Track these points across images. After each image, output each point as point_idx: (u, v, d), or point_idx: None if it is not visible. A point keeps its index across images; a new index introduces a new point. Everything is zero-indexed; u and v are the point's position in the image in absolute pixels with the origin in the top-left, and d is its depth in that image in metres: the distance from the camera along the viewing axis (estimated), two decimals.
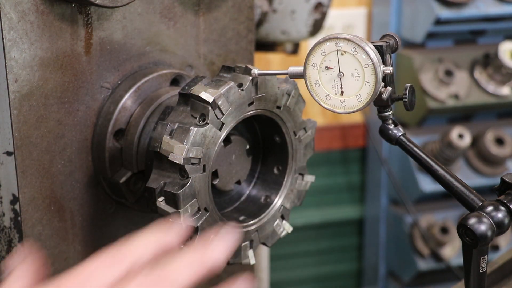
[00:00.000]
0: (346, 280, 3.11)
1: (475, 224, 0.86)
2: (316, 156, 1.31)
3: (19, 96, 0.97)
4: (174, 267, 0.69)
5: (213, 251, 0.71)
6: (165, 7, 1.12)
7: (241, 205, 1.12)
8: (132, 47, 1.09)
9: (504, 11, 2.57)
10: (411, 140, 0.96)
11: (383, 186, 2.86)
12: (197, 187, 0.95)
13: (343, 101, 0.92)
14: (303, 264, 3.01)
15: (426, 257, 2.75)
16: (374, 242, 2.98)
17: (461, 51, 2.69)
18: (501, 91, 2.65)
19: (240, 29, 1.23)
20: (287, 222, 1.12)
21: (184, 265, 0.69)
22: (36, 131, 1.00)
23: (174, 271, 0.68)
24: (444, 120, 2.76)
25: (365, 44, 0.89)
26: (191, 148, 0.93)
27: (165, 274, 0.68)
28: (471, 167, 2.74)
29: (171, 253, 0.70)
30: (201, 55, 1.19)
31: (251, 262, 1.06)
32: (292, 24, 1.66)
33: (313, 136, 1.12)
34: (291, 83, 1.05)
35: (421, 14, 2.52)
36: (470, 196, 0.91)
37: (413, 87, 0.94)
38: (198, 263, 0.70)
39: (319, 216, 2.95)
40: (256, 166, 1.13)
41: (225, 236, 0.72)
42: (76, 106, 1.04)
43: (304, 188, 1.13)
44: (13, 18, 0.93)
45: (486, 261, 0.90)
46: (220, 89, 0.95)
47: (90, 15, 1.02)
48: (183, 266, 0.69)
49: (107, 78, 1.07)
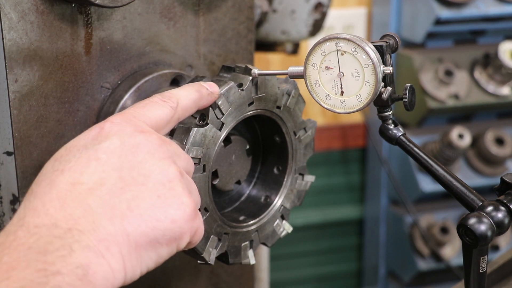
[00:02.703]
0: (346, 280, 3.11)
1: (475, 224, 0.86)
2: (316, 156, 1.31)
3: (19, 96, 0.97)
4: (179, 89, 0.89)
5: (209, 83, 0.93)
6: (165, 7, 1.12)
7: (241, 205, 1.12)
8: (132, 47, 1.09)
9: (504, 11, 2.57)
10: (411, 140, 0.96)
11: (383, 186, 2.86)
12: (197, 187, 0.95)
13: (343, 101, 0.92)
14: (303, 264, 3.01)
15: (426, 257, 2.75)
16: (374, 242, 2.98)
17: (461, 51, 2.69)
18: (501, 91, 2.65)
19: (240, 29, 1.23)
20: (287, 222, 1.12)
21: (187, 87, 0.90)
22: (36, 131, 1.00)
23: (179, 91, 0.88)
24: (444, 120, 2.76)
25: (365, 44, 0.89)
26: (191, 148, 0.93)
27: (172, 91, 0.87)
28: (471, 167, 2.74)
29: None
30: (201, 55, 1.19)
31: (251, 262, 1.06)
32: (292, 24, 1.66)
33: (313, 136, 1.12)
34: (291, 83, 1.05)
35: (421, 14, 2.53)
36: (470, 196, 0.91)
37: (413, 87, 0.94)
38: (197, 86, 0.90)
39: (319, 216, 2.95)
40: (256, 166, 1.13)
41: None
42: (76, 106, 1.04)
43: (304, 188, 1.13)
44: (13, 18, 0.93)
45: (486, 261, 0.90)
46: (220, 89, 0.95)
47: (90, 15, 1.02)
48: (187, 87, 0.90)
49: (107, 78, 1.07)
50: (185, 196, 0.76)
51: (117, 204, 0.72)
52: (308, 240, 2.97)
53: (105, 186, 0.73)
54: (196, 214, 0.78)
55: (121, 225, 0.71)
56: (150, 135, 0.78)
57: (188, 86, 0.91)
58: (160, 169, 0.76)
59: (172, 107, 0.85)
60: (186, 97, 0.89)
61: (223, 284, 1.31)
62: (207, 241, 0.98)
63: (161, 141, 0.79)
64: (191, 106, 0.90)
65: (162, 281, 1.20)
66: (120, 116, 0.80)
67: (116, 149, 0.75)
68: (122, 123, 0.79)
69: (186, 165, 0.84)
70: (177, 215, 0.75)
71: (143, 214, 0.72)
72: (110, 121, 0.79)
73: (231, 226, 1.02)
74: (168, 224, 0.74)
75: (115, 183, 0.73)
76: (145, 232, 0.72)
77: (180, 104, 0.87)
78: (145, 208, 0.73)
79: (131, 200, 0.73)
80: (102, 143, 0.76)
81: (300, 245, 2.95)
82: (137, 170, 0.75)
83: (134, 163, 0.75)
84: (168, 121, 0.85)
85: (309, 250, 3.00)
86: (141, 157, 0.76)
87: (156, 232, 0.73)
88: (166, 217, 0.74)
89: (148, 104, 0.84)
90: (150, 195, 0.74)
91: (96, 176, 0.73)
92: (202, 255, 0.98)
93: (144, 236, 0.72)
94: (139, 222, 0.72)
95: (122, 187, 0.73)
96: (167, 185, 0.76)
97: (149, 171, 0.75)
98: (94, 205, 0.71)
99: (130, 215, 0.72)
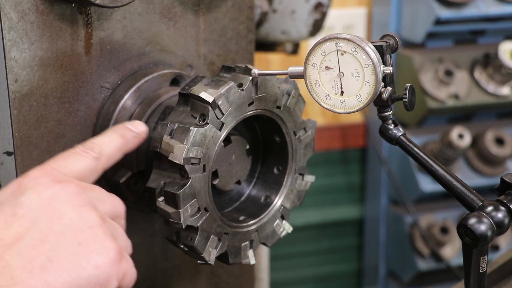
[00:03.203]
0: (346, 280, 3.11)
1: (475, 224, 0.86)
2: (316, 156, 1.31)
3: (19, 96, 0.97)
4: (102, 136, 0.90)
5: (134, 123, 0.93)
6: (165, 7, 1.12)
7: (241, 205, 1.12)
8: (132, 47, 1.09)
9: (504, 11, 2.57)
10: (411, 140, 0.96)
11: (383, 186, 2.86)
12: (197, 187, 0.95)
13: (343, 101, 0.92)
14: (303, 264, 3.01)
15: (426, 257, 2.75)
16: (374, 242, 2.98)
17: (461, 51, 2.69)
18: (501, 91, 2.65)
19: (240, 29, 1.23)
20: (287, 222, 1.12)
21: (110, 133, 0.90)
22: (36, 131, 1.00)
23: (102, 138, 0.89)
24: (444, 120, 2.76)
25: (365, 44, 0.89)
26: (191, 148, 0.93)
27: (94, 141, 0.88)
28: (471, 167, 2.74)
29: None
30: (201, 55, 1.19)
31: (251, 262, 1.06)
32: (292, 24, 1.66)
33: (313, 136, 1.12)
34: (291, 83, 1.05)
35: (421, 14, 2.52)
36: (470, 196, 0.91)
37: (413, 87, 0.94)
38: (121, 130, 0.91)
39: (319, 216, 2.95)
40: (256, 166, 1.13)
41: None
42: (76, 106, 1.04)
43: (304, 188, 1.13)
44: (13, 18, 0.93)
45: (486, 261, 0.90)
46: (220, 89, 0.95)
47: (90, 15, 1.02)
48: (110, 134, 0.90)
49: (107, 78, 1.07)
50: (107, 240, 0.75)
51: (36, 256, 0.71)
52: (308, 240, 2.97)
53: (23, 240, 0.72)
54: (121, 257, 0.76)
55: (41, 277, 0.70)
56: (67, 184, 0.77)
57: (112, 132, 0.90)
58: (79, 216, 0.75)
59: (94, 158, 0.85)
60: (109, 144, 0.88)
61: (223, 284, 1.31)
62: (207, 241, 0.98)
63: (80, 189, 0.78)
64: (115, 153, 0.89)
65: (162, 281, 1.20)
66: (38, 169, 0.79)
67: (32, 202, 0.75)
68: (39, 176, 0.78)
69: (112, 208, 0.83)
70: (100, 260, 0.74)
71: (63, 263, 0.72)
72: (28, 176, 0.78)
73: (231, 226, 1.02)
74: (92, 270, 0.73)
75: (33, 236, 0.73)
76: (67, 281, 0.71)
77: (103, 153, 0.86)
78: (65, 257, 0.72)
79: (50, 251, 0.72)
80: (19, 198, 0.75)
81: (300, 245, 2.95)
82: (56, 220, 0.74)
83: (52, 214, 0.75)
84: (92, 171, 0.85)
85: (309, 250, 3.00)
86: (58, 207, 0.75)
87: (79, 280, 0.72)
88: (89, 263, 0.73)
89: (69, 156, 0.84)
90: (70, 243, 0.73)
91: (14, 231, 0.73)
92: (202, 255, 0.98)
93: (67, 285, 0.71)
94: (60, 272, 0.71)
95: (41, 238, 0.73)
96: (88, 231, 0.75)
97: (68, 219, 0.75)
98: (12, 260, 0.70)
99: (50, 266, 0.71)
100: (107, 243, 0.75)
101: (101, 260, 0.74)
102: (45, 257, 0.72)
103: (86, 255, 0.73)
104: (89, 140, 0.88)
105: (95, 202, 0.79)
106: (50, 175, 0.78)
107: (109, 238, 0.75)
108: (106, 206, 0.81)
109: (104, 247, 0.74)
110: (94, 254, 0.73)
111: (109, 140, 0.89)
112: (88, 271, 0.73)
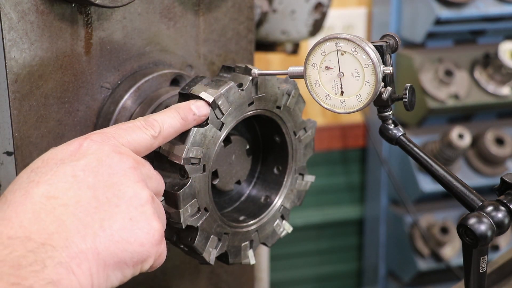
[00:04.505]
0: (346, 280, 3.11)
1: (475, 224, 0.86)
2: (316, 156, 1.31)
3: (19, 96, 0.97)
4: (164, 114, 0.89)
5: (197, 105, 0.92)
6: (165, 7, 1.12)
7: (241, 205, 1.12)
8: (132, 47, 1.09)
9: (504, 11, 2.57)
10: (411, 140, 0.96)
11: (383, 186, 2.86)
12: (197, 187, 0.95)
13: (343, 101, 0.92)
14: (303, 264, 3.01)
15: (426, 257, 2.75)
16: (374, 242, 2.98)
17: (461, 51, 2.69)
18: (501, 91, 2.65)
19: (240, 29, 1.23)
20: (287, 222, 1.12)
21: (173, 113, 0.90)
22: (36, 131, 1.00)
23: (164, 117, 0.88)
24: (444, 120, 2.76)
25: (365, 44, 0.89)
26: (191, 148, 0.93)
27: (156, 118, 0.88)
28: (471, 167, 2.74)
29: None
30: (201, 55, 1.19)
31: (251, 262, 1.06)
32: (292, 24, 1.66)
33: (313, 136, 1.12)
34: (291, 83, 1.05)
35: (421, 14, 2.53)
36: (470, 196, 0.91)
37: (413, 87, 0.94)
38: (184, 112, 0.90)
39: (319, 216, 2.95)
40: (256, 166, 1.13)
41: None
42: (76, 106, 1.04)
43: (304, 188, 1.13)
44: (13, 18, 0.93)
45: (486, 261, 0.90)
46: (220, 89, 0.95)
47: (90, 15, 1.02)
48: (172, 113, 0.90)
49: (107, 78, 1.07)
50: (155, 220, 0.78)
51: (90, 222, 0.73)
52: (308, 240, 2.97)
53: (79, 203, 0.74)
54: (162, 239, 0.79)
55: (93, 244, 0.72)
56: (127, 158, 0.79)
57: (174, 112, 0.90)
58: (134, 192, 0.77)
59: (153, 136, 0.86)
60: (169, 125, 0.89)
61: (223, 284, 1.31)
62: (207, 241, 0.98)
63: (136, 164, 0.80)
64: (172, 134, 0.90)
65: (162, 281, 1.20)
66: (100, 134, 0.81)
67: (93, 168, 0.76)
68: (101, 142, 0.79)
69: (157, 185, 0.86)
70: (145, 239, 0.76)
71: (114, 235, 0.74)
72: (89, 138, 0.79)
73: (231, 226, 1.02)
74: (137, 247, 0.75)
75: (89, 202, 0.74)
76: (114, 253, 0.73)
77: (162, 133, 0.88)
78: (116, 229, 0.74)
79: (104, 220, 0.74)
80: (80, 161, 0.77)
81: (300, 245, 2.95)
82: (112, 191, 0.76)
83: (109, 183, 0.76)
84: (147, 147, 0.86)
85: (309, 250, 3.00)
86: (116, 179, 0.77)
87: (125, 254, 0.74)
88: (136, 240, 0.75)
89: (131, 127, 0.85)
90: (123, 216, 0.75)
91: (72, 193, 0.74)
92: (202, 255, 0.98)
93: (113, 257, 0.73)
94: (110, 242, 0.73)
95: (96, 206, 0.74)
96: (139, 208, 0.77)
97: (123, 193, 0.76)
98: (68, 221, 0.72)
99: (102, 235, 0.73)
100: (154, 223, 0.77)
101: (146, 239, 0.76)
102: (98, 225, 0.73)
103: (135, 231, 0.75)
104: (151, 116, 0.88)
105: (146, 179, 0.81)
106: (111, 144, 0.80)
107: (155, 219, 0.78)
108: (153, 183, 0.84)
109: (151, 227, 0.77)
110: (142, 232, 0.76)
111: (170, 120, 0.89)
112: (133, 247, 0.75)
